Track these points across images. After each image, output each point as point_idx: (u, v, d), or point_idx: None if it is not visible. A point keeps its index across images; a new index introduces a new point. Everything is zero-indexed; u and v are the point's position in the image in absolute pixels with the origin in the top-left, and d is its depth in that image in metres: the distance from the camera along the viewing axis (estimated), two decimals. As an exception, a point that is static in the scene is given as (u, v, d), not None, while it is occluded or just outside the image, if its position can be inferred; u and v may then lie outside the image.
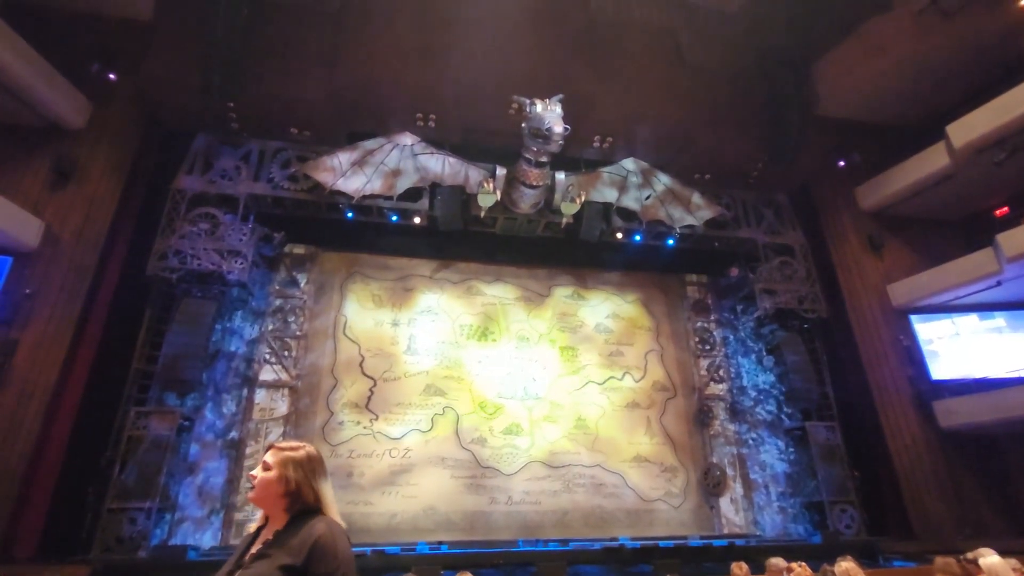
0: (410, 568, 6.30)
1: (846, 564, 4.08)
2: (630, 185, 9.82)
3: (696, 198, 10.00)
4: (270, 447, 1.84)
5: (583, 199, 9.03)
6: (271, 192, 8.86)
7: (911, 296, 9.67)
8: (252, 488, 1.76)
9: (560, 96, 7.57)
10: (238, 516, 7.98)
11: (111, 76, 8.23)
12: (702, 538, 8.54)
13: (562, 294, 10.64)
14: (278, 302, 9.42)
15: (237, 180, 8.82)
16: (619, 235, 9.89)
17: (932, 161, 9.34)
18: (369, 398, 9.06)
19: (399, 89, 8.75)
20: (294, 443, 1.84)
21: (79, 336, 7.60)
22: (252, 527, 1.82)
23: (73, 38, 8.04)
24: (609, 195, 9.68)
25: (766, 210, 10.73)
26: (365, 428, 8.86)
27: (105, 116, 8.30)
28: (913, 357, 9.45)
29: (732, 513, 9.56)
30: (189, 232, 8.32)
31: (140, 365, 7.83)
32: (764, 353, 10.32)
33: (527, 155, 7.99)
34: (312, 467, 1.78)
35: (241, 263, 8.36)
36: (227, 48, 7.92)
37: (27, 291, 7.10)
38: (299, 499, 1.73)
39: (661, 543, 7.85)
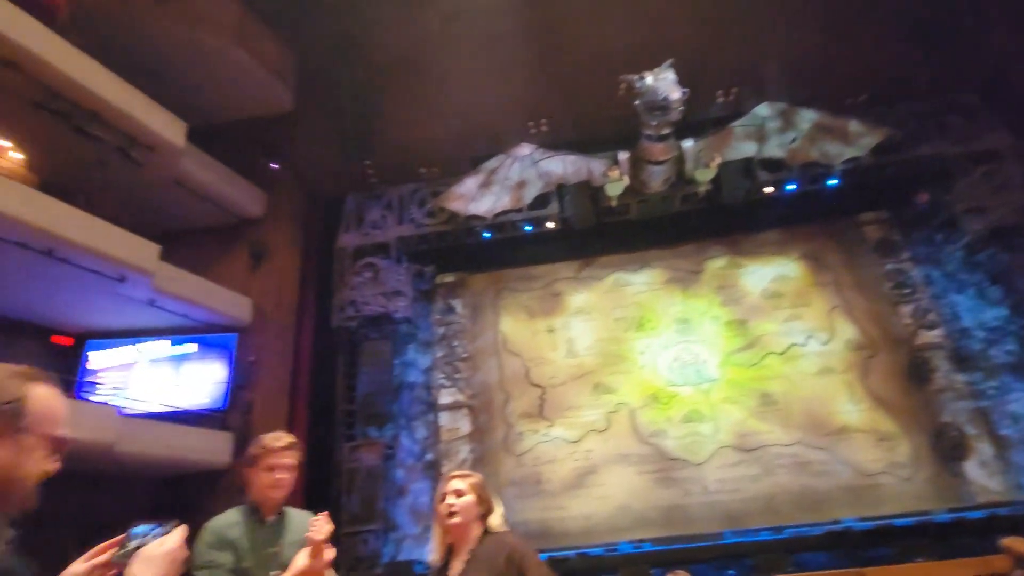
0: (617, 569, 6.25)
1: None
2: (769, 132, 8.87)
3: (853, 126, 8.70)
4: (450, 477, 2.09)
5: (718, 161, 8.38)
6: (415, 231, 9.59)
7: None
8: (454, 514, 1.95)
9: (670, 61, 7.14)
10: (448, 531, 8.63)
11: (274, 165, 9.62)
12: (950, 511, 7.26)
13: (716, 266, 9.92)
14: (441, 330, 10.10)
15: (385, 227, 9.71)
16: (768, 189, 8.96)
17: None
18: (541, 406, 9.26)
19: (507, 105, 8.98)
20: (464, 472, 2.17)
21: (294, 388, 8.91)
22: (435, 558, 2.01)
23: (240, 142, 9.56)
24: (747, 149, 8.85)
25: (951, 116, 8.95)
26: (543, 435, 9.07)
27: (277, 200, 9.73)
28: None
29: (985, 478, 7.99)
30: (357, 283, 9.33)
31: (344, 405, 8.91)
32: (985, 284, 8.56)
33: (648, 132, 7.65)
34: (486, 486, 2.09)
35: (403, 301, 9.16)
36: (356, 116, 8.84)
37: (251, 359, 8.52)
38: (488, 514, 1.99)
39: (897, 522, 6.85)
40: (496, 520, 2.00)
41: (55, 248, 6.60)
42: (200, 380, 8.54)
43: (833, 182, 8.95)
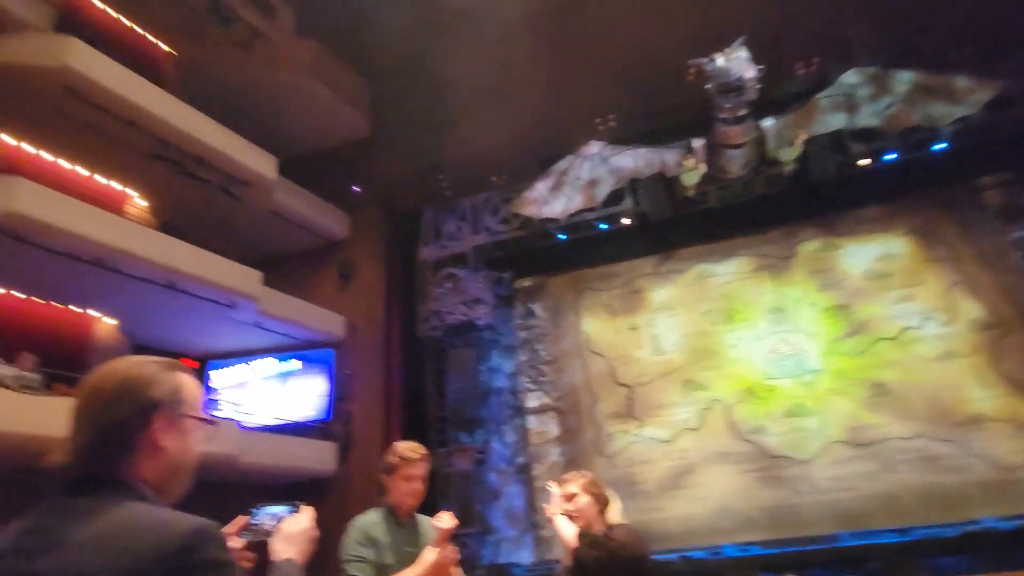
0: (723, 573, 6.00)
1: None
2: (860, 100, 8.18)
3: (960, 82, 7.82)
4: (561, 481, 2.22)
5: (803, 138, 7.84)
6: (491, 239, 9.76)
7: None
8: (575, 516, 2.07)
9: (742, 39, 6.81)
10: (544, 533, 8.66)
11: (356, 189, 10.19)
12: (1119, 509, 6.31)
13: (810, 249, 9.26)
14: (523, 335, 10.18)
15: (461, 238, 9.96)
16: (863, 162, 8.25)
17: None
18: (629, 406, 9.08)
19: (572, 105, 8.94)
20: (574, 473, 2.35)
21: (387, 398, 9.34)
22: (567, 560, 2.11)
23: (322, 168, 10.22)
24: (835, 121, 8.20)
25: (1081, 57, 7.82)
26: (634, 436, 8.88)
27: (360, 220, 10.31)
28: None
29: None
30: (439, 293, 9.63)
31: (435, 412, 9.22)
32: None
33: (723, 115, 7.32)
34: (599, 482, 2.25)
35: (484, 308, 9.34)
36: (426, 132, 9.18)
37: (347, 372, 9.05)
38: (606, 508, 2.14)
39: (1050, 521, 6.04)
40: (614, 514, 2.06)
41: (176, 281, 7.38)
42: (305, 394, 9.19)
43: (940, 147, 8.09)
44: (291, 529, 1.24)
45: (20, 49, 6.49)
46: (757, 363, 8.75)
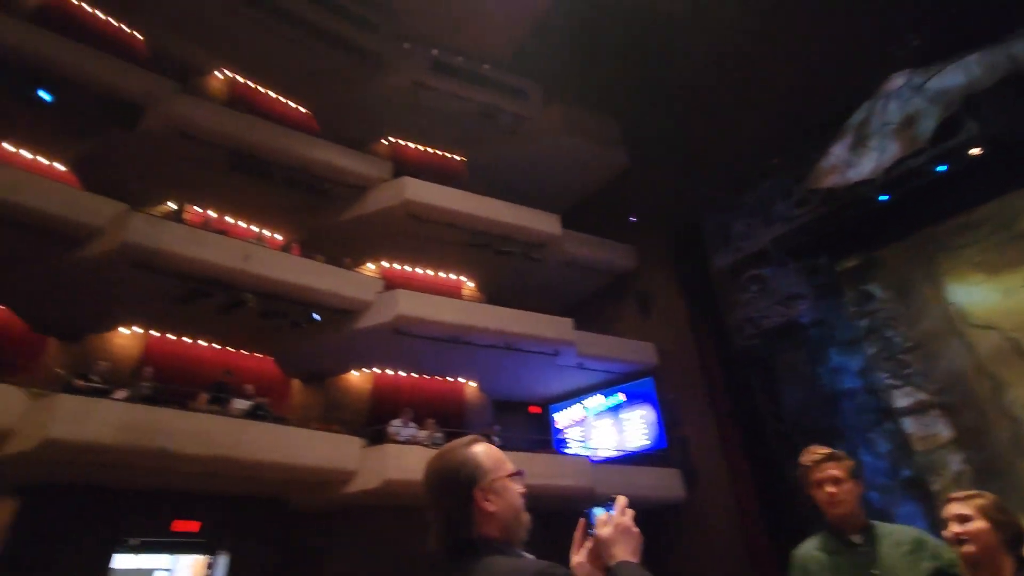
0: None
1: None
2: None
3: None
4: (949, 500, 1.80)
5: None
6: (790, 227, 8.69)
7: None
8: (966, 542, 1.64)
9: None
10: (968, 565, 6.80)
11: (632, 219, 10.51)
12: None
13: None
14: (864, 323, 8.56)
15: (754, 235, 9.13)
16: None
17: None
18: (1062, 387, 6.62)
19: (854, 43, 7.54)
20: (969, 492, 1.80)
21: (717, 416, 8.95)
22: None
23: (598, 209, 10.86)
24: None
25: None
26: (1085, 427, 6.38)
27: (644, 247, 10.53)
28: None
29: None
30: (746, 299, 8.94)
31: (773, 425, 8.39)
32: None
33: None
34: (1006, 506, 1.70)
35: (804, 304, 8.26)
36: (686, 141, 8.96)
37: (671, 396, 9.07)
38: (1019, 541, 1.66)
39: None
40: None
41: (511, 342, 8.74)
42: (636, 424, 9.55)
43: None
44: (606, 533, 1.28)
45: (375, 200, 8.99)
46: None
